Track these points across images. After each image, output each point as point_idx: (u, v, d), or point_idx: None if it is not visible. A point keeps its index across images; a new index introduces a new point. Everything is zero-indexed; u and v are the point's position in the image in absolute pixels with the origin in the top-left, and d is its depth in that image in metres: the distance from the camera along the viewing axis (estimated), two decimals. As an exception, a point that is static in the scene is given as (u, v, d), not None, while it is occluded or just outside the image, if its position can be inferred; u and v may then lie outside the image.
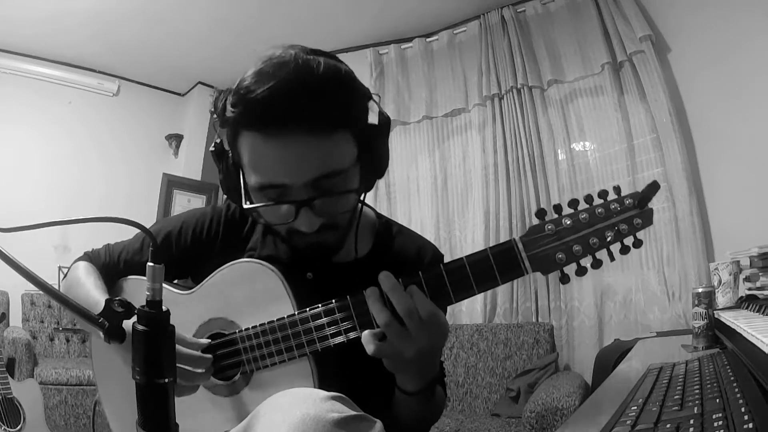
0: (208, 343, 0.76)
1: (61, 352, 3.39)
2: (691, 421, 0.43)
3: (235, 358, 0.76)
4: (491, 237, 2.93)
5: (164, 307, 0.51)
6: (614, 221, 0.67)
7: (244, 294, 0.77)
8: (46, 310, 3.43)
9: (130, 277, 0.90)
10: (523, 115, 2.96)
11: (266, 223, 0.80)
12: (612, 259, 0.68)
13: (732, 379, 0.58)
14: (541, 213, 0.68)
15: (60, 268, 3.37)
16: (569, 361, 2.67)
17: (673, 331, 2.13)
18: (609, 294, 2.65)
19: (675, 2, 2.60)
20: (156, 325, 0.50)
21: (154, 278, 0.51)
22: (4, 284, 3.27)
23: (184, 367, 0.69)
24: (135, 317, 0.51)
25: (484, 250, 0.69)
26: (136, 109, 4.26)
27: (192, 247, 0.89)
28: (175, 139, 4.36)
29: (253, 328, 0.75)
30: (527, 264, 0.67)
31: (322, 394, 0.59)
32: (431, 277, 0.68)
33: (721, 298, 1.40)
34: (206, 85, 4.40)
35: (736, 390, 0.50)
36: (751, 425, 0.37)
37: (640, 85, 2.63)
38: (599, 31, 2.78)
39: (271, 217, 0.76)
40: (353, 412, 0.57)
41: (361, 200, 0.82)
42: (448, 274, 0.68)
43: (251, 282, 0.77)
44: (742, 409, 0.42)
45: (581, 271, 0.68)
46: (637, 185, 2.62)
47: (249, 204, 0.74)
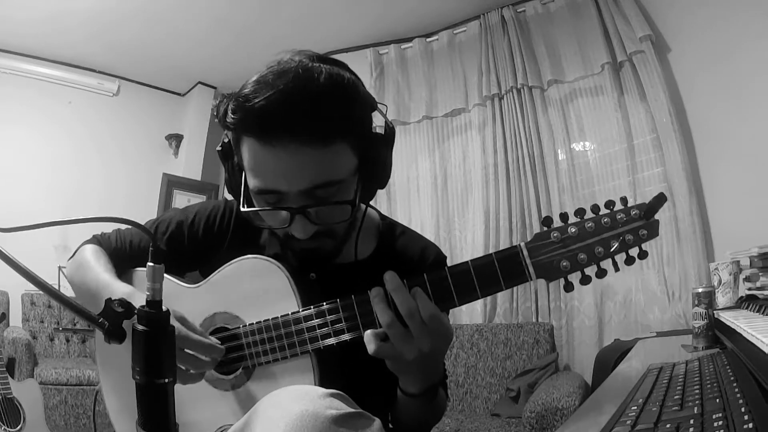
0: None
1: (61, 352, 3.39)
2: (691, 421, 0.43)
3: (238, 353, 0.77)
4: (491, 237, 2.93)
5: (164, 308, 0.51)
6: (620, 231, 0.67)
7: (251, 290, 0.78)
8: (46, 310, 3.43)
9: (139, 269, 0.91)
10: (523, 115, 2.96)
11: (264, 227, 0.80)
12: (617, 269, 0.68)
13: (732, 379, 0.57)
14: (547, 221, 0.68)
15: (60, 268, 3.37)
16: (569, 361, 2.67)
17: (673, 331, 2.13)
18: (609, 294, 2.65)
19: (675, 2, 2.60)
20: (156, 325, 0.50)
21: (154, 278, 0.51)
22: (4, 284, 3.27)
23: (195, 354, 0.70)
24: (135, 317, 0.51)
25: (489, 255, 0.69)
26: (136, 109, 4.26)
27: (203, 238, 0.90)
28: (175, 139, 4.36)
29: (257, 323, 0.76)
30: (531, 270, 0.68)
31: (321, 391, 0.59)
32: (436, 279, 0.69)
33: (721, 298, 1.40)
34: (206, 85, 4.40)
35: (736, 390, 0.50)
36: (751, 425, 0.37)
37: (640, 85, 2.63)
38: (599, 31, 2.78)
39: (268, 221, 0.77)
40: (351, 410, 0.57)
41: (366, 203, 0.83)
42: (452, 278, 0.69)
43: (258, 278, 0.77)
44: (742, 409, 0.42)
45: (585, 280, 0.68)
46: (637, 185, 2.63)
47: (247, 207, 0.76)
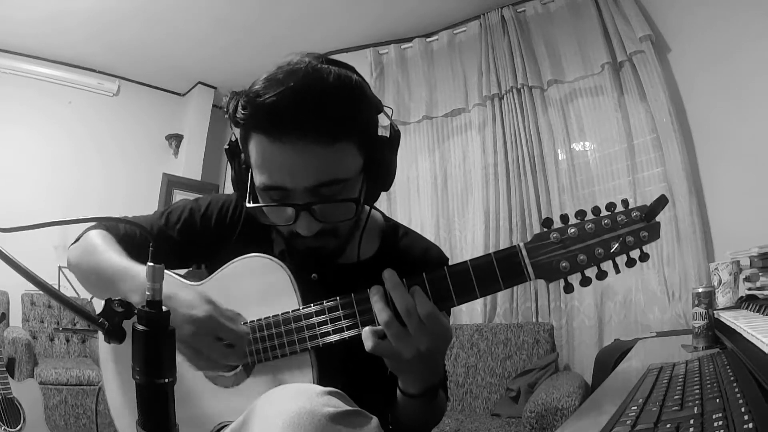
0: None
1: (61, 352, 3.39)
2: (691, 421, 0.43)
3: None
4: (491, 237, 2.93)
5: (164, 308, 0.51)
6: (620, 233, 0.67)
7: (252, 287, 0.79)
8: (46, 310, 3.43)
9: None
10: (523, 115, 2.96)
11: (269, 224, 0.80)
12: (617, 271, 0.68)
13: (732, 379, 0.57)
14: (548, 222, 0.68)
15: (60, 268, 3.37)
16: (569, 361, 2.67)
17: (673, 331, 2.13)
18: (609, 294, 2.65)
19: (675, 2, 2.61)
20: (156, 325, 0.50)
21: (154, 278, 0.51)
22: (4, 284, 3.28)
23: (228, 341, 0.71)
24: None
25: (488, 254, 0.69)
26: (136, 109, 4.27)
27: (216, 228, 0.90)
28: (175, 139, 4.36)
29: (257, 320, 0.76)
30: (530, 270, 0.67)
31: (319, 389, 0.59)
32: (434, 278, 0.69)
33: (721, 298, 1.40)
34: (206, 85, 4.40)
35: (736, 390, 0.50)
36: (751, 425, 0.37)
37: (640, 85, 2.63)
38: (599, 31, 2.78)
39: (274, 218, 0.78)
40: (349, 407, 0.57)
41: (370, 205, 0.83)
42: (451, 277, 0.69)
43: (260, 276, 0.78)
44: (742, 409, 0.42)
45: (585, 282, 0.68)
46: (637, 185, 2.63)
47: (253, 204, 0.76)
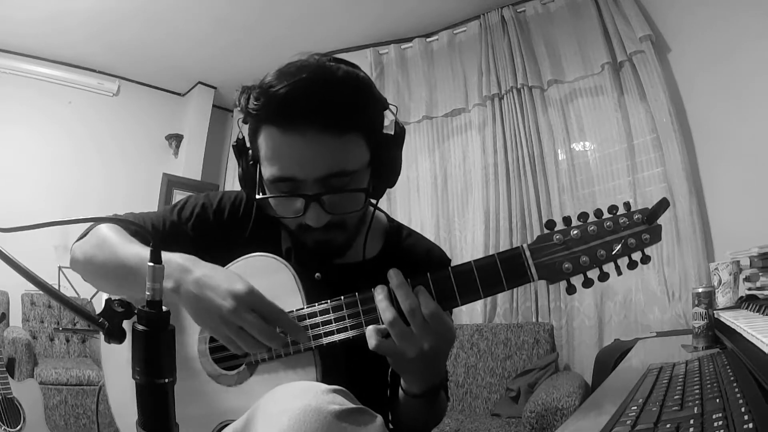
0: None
1: (61, 352, 3.39)
2: (691, 421, 0.43)
3: None
4: (491, 237, 2.93)
5: (164, 308, 0.51)
6: (622, 235, 0.68)
7: (257, 286, 0.78)
8: (46, 310, 3.43)
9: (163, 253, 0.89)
10: (523, 115, 2.96)
11: (278, 216, 0.80)
12: (619, 273, 0.69)
13: (732, 379, 0.57)
14: (551, 224, 0.69)
15: (60, 268, 3.37)
16: (569, 361, 2.67)
17: (673, 331, 2.13)
18: (609, 294, 2.65)
19: (675, 2, 2.61)
20: (156, 325, 0.50)
21: (154, 278, 0.51)
22: (4, 284, 3.27)
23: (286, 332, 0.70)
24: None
25: (492, 255, 0.70)
26: (136, 109, 4.27)
27: (229, 221, 0.89)
28: (175, 139, 4.36)
29: None
30: (534, 271, 0.68)
31: (324, 387, 0.59)
32: (439, 278, 0.70)
33: (721, 298, 1.40)
34: (206, 85, 4.40)
35: (736, 390, 0.50)
36: (751, 425, 0.37)
37: (640, 85, 2.63)
38: (599, 31, 2.78)
39: (282, 211, 0.78)
40: (354, 405, 0.57)
41: (374, 205, 0.84)
42: (455, 277, 0.69)
43: (265, 275, 0.78)
44: (742, 409, 0.42)
45: (588, 283, 0.69)
46: (637, 185, 2.63)
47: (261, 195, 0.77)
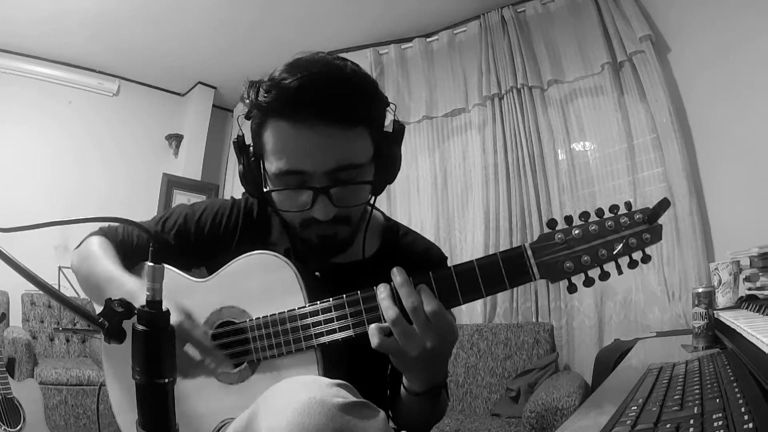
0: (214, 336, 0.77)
1: (61, 352, 3.39)
2: (691, 421, 0.43)
3: (244, 347, 0.78)
4: (491, 237, 2.93)
5: (164, 308, 0.51)
6: (623, 234, 0.68)
7: (258, 285, 0.79)
8: (46, 310, 3.43)
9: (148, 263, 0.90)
10: (523, 115, 2.96)
11: (282, 211, 0.80)
12: (620, 272, 0.69)
13: (732, 379, 0.57)
14: (552, 223, 0.70)
15: (60, 268, 3.37)
16: (569, 361, 2.67)
17: (673, 331, 2.13)
18: (609, 294, 2.65)
19: (675, 2, 2.60)
20: (156, 325, 0.50)
21: (154, 278, 0.51)
22: (4, 284, 3.28)
23: (197, 353, 0.72)
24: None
25: (494, 254, 0.70)
26: (136, 109, 4.26)
27: (209, 235, 0.91)
28: (175, 139, 4.36)
29: (263, 317, 0.76)
30: (535, 270, 0.69)
31: (328, 381, 0.59)
32: (441, 277, 0.70)
33: (721, 298, 1.40)
34: (206, 85, 4.40)
35: (736, 390, 0.50)
36: (751, 425, 0.37)
37: (640, 85, 2.63)
38: (599, 31, 2.78)
39: (288, 205, 0.78)
40: (358, 399, 0.57)
41: (371, 204, 0.84)
42: (457, 276, 0.70)
43: (266, 273, 0.78)
44: (742, 409, 0.42)
45: (589, 282, 0.69)
46: (637, 185, 2.63)
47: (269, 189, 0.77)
